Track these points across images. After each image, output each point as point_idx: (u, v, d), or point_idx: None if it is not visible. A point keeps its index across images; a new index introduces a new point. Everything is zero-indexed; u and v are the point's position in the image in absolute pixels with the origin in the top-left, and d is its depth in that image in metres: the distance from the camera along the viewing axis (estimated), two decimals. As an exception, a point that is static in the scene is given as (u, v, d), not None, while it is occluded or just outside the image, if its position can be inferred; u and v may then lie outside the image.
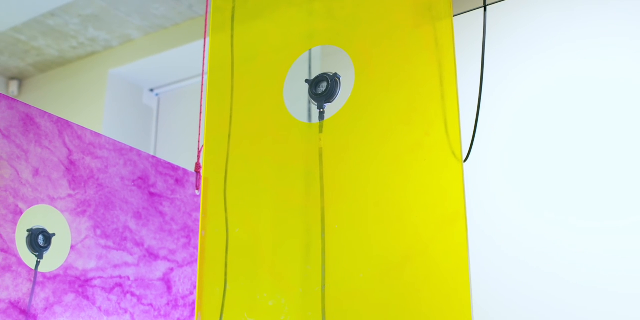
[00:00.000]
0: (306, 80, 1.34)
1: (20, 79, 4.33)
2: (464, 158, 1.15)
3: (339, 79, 1.30)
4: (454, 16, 1.22)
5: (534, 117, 2.24)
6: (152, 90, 4.07)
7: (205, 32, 1.58)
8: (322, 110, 1.31)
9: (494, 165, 2.25)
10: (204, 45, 1.82)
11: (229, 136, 1.42)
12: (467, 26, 2.08)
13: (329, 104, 1.31)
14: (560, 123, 2.17)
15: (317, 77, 1.33)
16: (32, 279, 1.38)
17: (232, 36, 1.48)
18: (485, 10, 1.30)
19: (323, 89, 1.32)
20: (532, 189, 2.15)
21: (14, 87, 4.30)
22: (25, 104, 1.45)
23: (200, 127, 1.84)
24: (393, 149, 1.21)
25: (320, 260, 1.23)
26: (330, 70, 1.32)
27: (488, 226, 2.18)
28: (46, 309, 1.39)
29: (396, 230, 1.18)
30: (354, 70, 1.29)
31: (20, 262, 1.36)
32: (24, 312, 1.35)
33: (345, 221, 1.23)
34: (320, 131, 1.30)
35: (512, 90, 2.33)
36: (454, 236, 1.11)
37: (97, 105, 3.85)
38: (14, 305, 1.34)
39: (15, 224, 1.37)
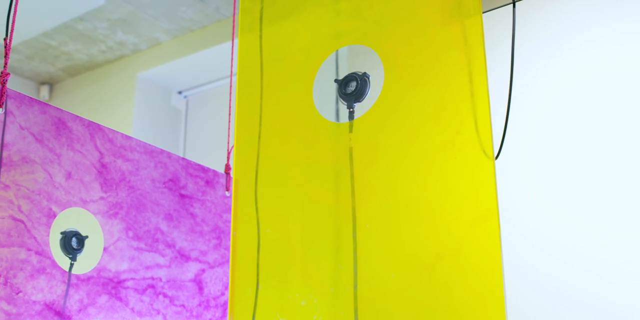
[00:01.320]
0: (335, 80, 1.34)
1: (50, 83, 4.38)
2: (494, 156, 1.14)
3: (368, 78, 1.30)
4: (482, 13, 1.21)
5: (565, 114, 2.21)
6: (180, 92, 4.09)
7: (233, 33, 1.58)
8: (351, 109, 1.31)
9: (525, 163, 2.23)
10: (232, 47, 1.83)
11: (259, 137, 1.42)
12: (496, 23, 2.07)
13: (359, 103, 1.30)
14: (591, 119, 2.14)
15: (346, 77, 1.33)
16: (66, 280, 1.39)
17: (260, 37, 1.48)
18: (514, 6, 1.29)
19: (352, 88, 1.31)
20: (564, 186, 2.13)
21: (44, 91, 4.34)
22: (57, 108, 1.46)
23: (229, 128, 1.85)
24: (423, 147, 1.20)
25: (352, 260, 1.23)
26: (359, 69, 1.32)
27: (521, 224, 2.16)
28: (80, 310, 1.40)
29: (428, 229, 1.17)
30: (383, 69, 1.28)
31: (55, 265, 1.38)
32: (58, 313, 1.36)
33: (377, 221, 1.22)
34: (350, 131, 1.30)
35: (542, 87, 2.31)
36: (486, 235, 1.10)
37: (126, 108, 3.88)
38: (48, 306, 1.35)
39: (49, 227, 1.39)
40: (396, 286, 1.18)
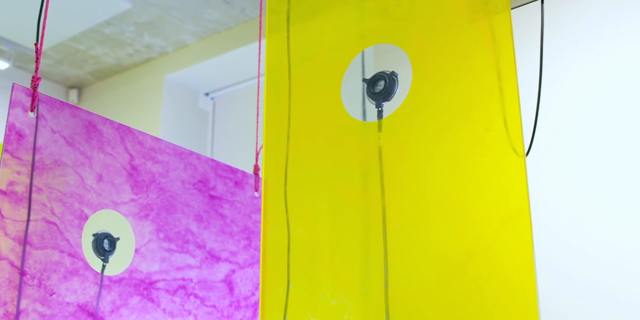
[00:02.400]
0: (363, 80, 1.34)
1: (79, 87, 4.43)
2: (525, 153, 1.13)
3: (397, 77, 1.29)
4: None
5: (595, 109, 2.19)
6: (207, 94, 4.11)
7: (260, 34, 1.59)
8: (380, 109, 1.30)
9: (557, 160, 2.21)
10: (259, 47, 1.83)
11: (288, 137, 1.42)
12: (524, 19, 2.05)
13: (387, 102, 1.30)
14: (622, 114, 2.11)
15: (374, 76, 1.32)
16: (99, 282, 1.41)
17: (287, 38, 1.48)
18: (542, 2, 1.28)
19: (381, 87, 1.31)
20: (596, 182, 2.10)
21: (73, 95, 4.39)
22: (88, 112, 1.47)
23: (257, 129, 1.85)
24: (453, 146, 1.20)
25: (383, 259, 1.23)
26: (387, 68, 1.31)
27: (553, 221, 2.14)
28: (113, 311, 1.41)
29: (459, 228, 1.16)
30: (411, 67, 1.28)
31: (87, 266, 1.39)
32: (91, 314, 1.37)
33: (407, 220, 1.22)
34: (379, 130, 1.29)
35: (572, 82, 2.28)
36: (518, 233, 1.09)
37: (154, 111, 3.91)
38: (82, 308, 1.36)
39: (81, 229, 1.40)
40: (427, 285, 1.17)
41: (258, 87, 1.86)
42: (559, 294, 2.06)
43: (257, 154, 1.80)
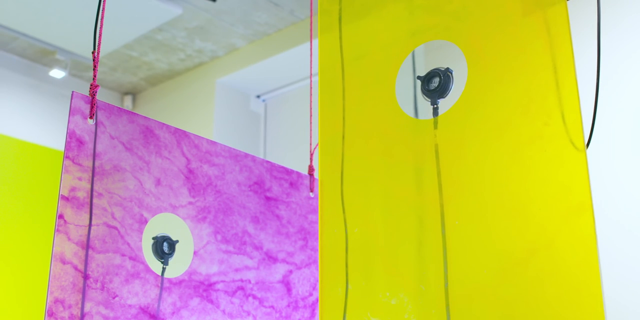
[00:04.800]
0: (418, 77, 1.33)
1: (133, 93, 4.50)
2: (584, 147, 1.11)
3: (451, 74, 1.28)
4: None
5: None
6: (258, 96, 4.13)
7: (311, 34, 1.59)
8: (435, 106, 1.29)
9: (619, 153, 2.16)
10: (311, 48, 1.83)
11: (343, 137, 1.42)
12: (580, 10, 2.01)
13: (443, 99, 1.29)
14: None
15: (429, 73, 1.31)
16: (159, 284, 1.42)
17: (340, 37, 1.48)
18: (598, -8, 1.25)
19: (435, 84, 1.30)
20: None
21: (128, 101, 4.47)
22: (145, 117, 1.50)
23: (311, 129, 1.86)
24: (511, 141, 1.18)
25: (442, 257, 1.21)
26: (440, 65, 1.30)
27: (617, 215, 2.10)
28: (173, 313, 1.43)
29: (519, 224, 1.14)
30: (466, 63, 1.26)
31: (148, 269, 1.41)
32: (153, 316, 1.39)
33: (466, 217, 1.20)
34: (435, 127, 1.28)
35: (631, 74, 2.23)
36: (580, 228, 1.07)
37: (207, 114, 3.95)
38: (143, 310, 1.38)
39: (141, 233, 1.42)
40: (488, 283, 1.16)
41: (310, 87, 1.86)
42: (624, 291, 2.01)
43: (311, 154, 1.81)
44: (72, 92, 1.37)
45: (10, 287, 3.61)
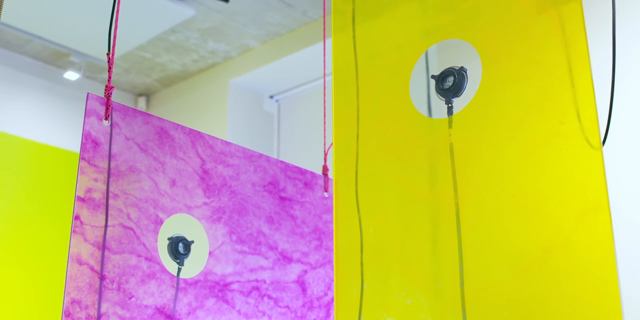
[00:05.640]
0: (432, 76, 1.33)
1: (147, 94, 4.52)
2: (600, 145, 1.10)
3: (466, 73, 1.28)
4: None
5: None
6: (272, 96, 4.14)
7: (324, 34, 1.59)
8: (450, 105, 1.29)
9: (635, 151, 2.15)
10: (324, 48, 1.83)
11: (357, 136, 1.42)
12: (595, 7, 2.00)
13: (457, 98, 1.28)
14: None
15: (443, 72, 1.31)
16: (175, 285, 1.43)
17: (354, 37, 1.48)
18: (613, -11, 1.24)
19: (450, 83, 1.29)
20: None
21: (142, 103, 4.48)
22: (159, 118, 1.50)
23: (325, 129, 1.86)
24: (527, 140, 1.17)
25: (457, 256, 1.21)
26: (455, 64, 1.30)
27: (635, 214, 2.08)
28: (189, 313, 1.44)
29: (535, 223, 1.14)
30: (480, 62, 1.26)
31: (164, 270, 1.42)
32: (169, 317, 1.40)
33: (481, 216, 1.20)
34: (450, 126, 1.28)
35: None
36: (597, 227, 1.06)
37: (220, 115, 3.96)
38: (159, 310, 1.39)
39: (157, 233, 1.43)
40: (504, 282, 1.15)
41: (324, 87, 1.86)
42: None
43: (326, 154, 1.81)
44: (88, 93, 1.38)
45: (27, 288, 3.64)
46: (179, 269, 1.44)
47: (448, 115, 1.29)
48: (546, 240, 1.12)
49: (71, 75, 4.01)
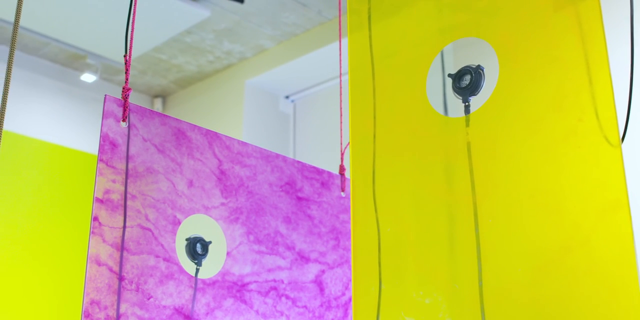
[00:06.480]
0: (449, 75, 1.32)
1: (163, 96, 4.54)
2: (619, 143, 1.09)
3: (483, 71, 1.27)
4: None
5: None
6: (287, 97, 4.14)
7: (340, 34, 1.59)
8: (467, 103, 1.28)
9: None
10: (340, 47, 1.83)
11: (374, 136, 1.41)
12: (612, 3, 1.98)
13: (474, 96, 1.28)
14: None
15: (460, 71, 1.30)
16: (193, 285, 1.43)
17: (370, 36, 1.47)
18: (631, -15, 1.23)
19: (467, 82, 1.29)
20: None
21: (158, 104, 4.50)
22: (176, 119, 1.51)
23: (341, 128, 1.86)
24: (545, 138, 1.17)
25: (476, 255, 1.21)
26: (471, 62, 1.29)
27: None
28: (207, 313, 1.44)
29: (553, 221, 1.13)
30: (497, 60, 1.25)
31: (182, 270, 1.42)
32: (187, 317, 1.40)
33: (500, 215, 1.20)
34: (467, 125, 1.28)
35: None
36: (617, 225, 1.06)
37: (236, 116, 3.96)
38: (178, 311, 1.39)
39: (175, 234, 1.43)
40: (523, 281, 1.15)
41: (340, 86, 1.86)
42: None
43: (342, 154, 1.80)
44: (105, 95, 1.39)
45: (47, 289, 3.66)
46: (197, 270, 1.45)
47: (465, 114, 1.28)
48: (565, 239, 1.11)
49: (88, 77, 4.03)
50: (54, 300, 3.67)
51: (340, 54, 1.85)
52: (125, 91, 1.41)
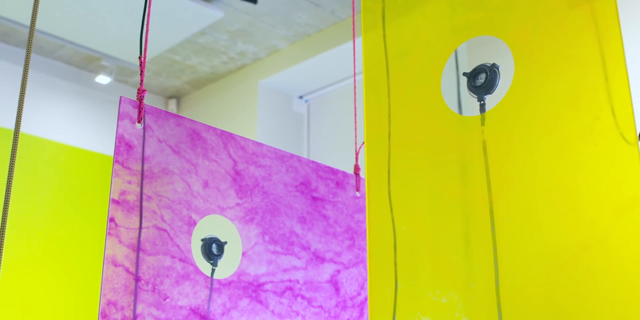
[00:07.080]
0: (464, 73, 1.32)
1: (177, 97, 4.56)
2: (636, 141, 1.09)
3: (498, 69, 1.27)
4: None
5: None
6: (301, 97, 4.15)
7: (354, 34, 1.59)
8: (482, 102, 1.28)
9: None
10: (354, 47, 1.83)
11: (389, 135, 1.41)
12: (628, 0, 1.97)
13: (489, 95, 1.27)
14: None
15: (475, 69, 1.30)
16: (209, 285, 1.44)
17: (384, 35, 1.47)
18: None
19: (482, 80, 1.28)
20: None
21: (172, 105, 4.52)
22: (191, 120, 1.51)
23: (356, 128, 1.85)
24: (561, 136, 1.16)
25: (492, 254, 1.20)
26: (486, 60, 1.29)
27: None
28: (223, 314, 1.44)
29: (570, 220, 1.12)
30: (512, 58, 1.25)
31: (197, 271, 1.43)
32: (203, 317, 1.40)
33: (516, 214, 1.19)
34: (483, 124, 1.27)
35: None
36: (634, 223, 1.05)
37: (250, 116, 3.97)
38: (194, 311, 1.40)
39: (190, 235, 1.44)
40: (540, 280, 1.14)
41: (354, 86, 1.86)
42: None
43: (357, 153, 1.80)
44: (120, 97, 1.40)
45: (64, 290, 3.69)
46: (213, 270, 1.45)
47: (480, 113, 1.28)
48: (582, 238, 1.11)
49: (103, 79, 4.05)
50: (71, 301, 3.70)
51: (354, 53, 1.85)
52: (140, 92, 1.42)
